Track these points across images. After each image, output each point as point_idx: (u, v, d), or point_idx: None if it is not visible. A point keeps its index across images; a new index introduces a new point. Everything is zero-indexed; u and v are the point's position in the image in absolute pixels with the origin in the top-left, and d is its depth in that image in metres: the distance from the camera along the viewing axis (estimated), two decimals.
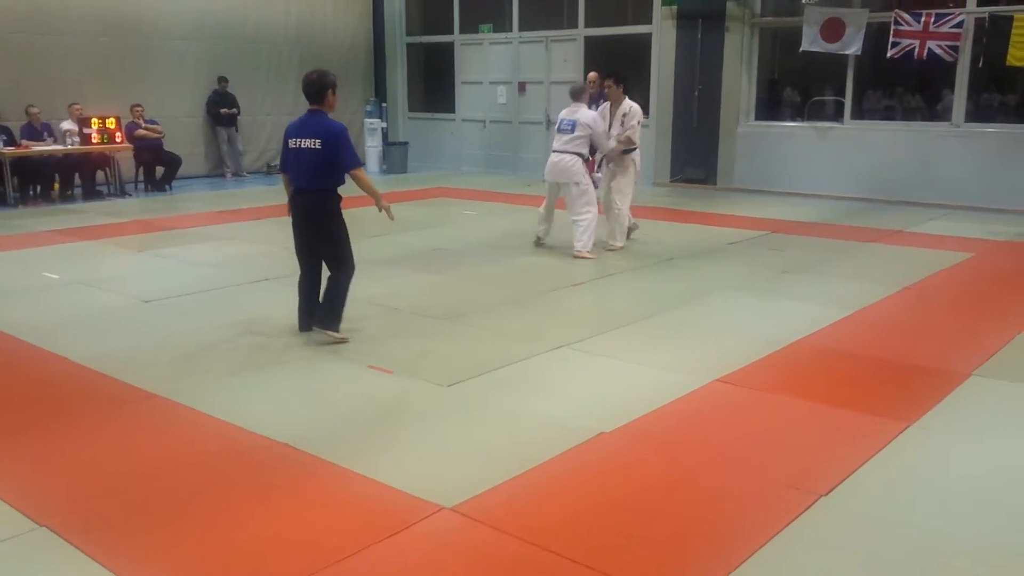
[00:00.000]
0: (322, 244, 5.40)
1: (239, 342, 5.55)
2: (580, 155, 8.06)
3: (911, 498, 3.47)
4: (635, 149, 8.40)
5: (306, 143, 5.21)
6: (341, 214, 5.39)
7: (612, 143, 8.17)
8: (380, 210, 5.45)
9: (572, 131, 8.04)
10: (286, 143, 5.36)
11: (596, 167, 10.83)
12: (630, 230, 8.56)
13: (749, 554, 3.04)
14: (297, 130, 5.30)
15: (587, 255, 8.03)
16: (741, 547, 3.08)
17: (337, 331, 5.39)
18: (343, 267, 5.40)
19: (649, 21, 13.15)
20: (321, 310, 5.43)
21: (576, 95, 8.25)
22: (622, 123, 8.28)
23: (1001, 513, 3.36)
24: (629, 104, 8.33)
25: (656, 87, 13.15)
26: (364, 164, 5.30)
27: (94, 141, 11.72)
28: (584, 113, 8.09)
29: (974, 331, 5.76)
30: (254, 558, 3.05)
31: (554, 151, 8.15)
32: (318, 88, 5.23)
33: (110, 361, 5.10)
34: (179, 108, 13.85)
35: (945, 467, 3.77)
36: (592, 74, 11.28)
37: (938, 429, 4.15)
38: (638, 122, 8.29)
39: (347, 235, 5.43)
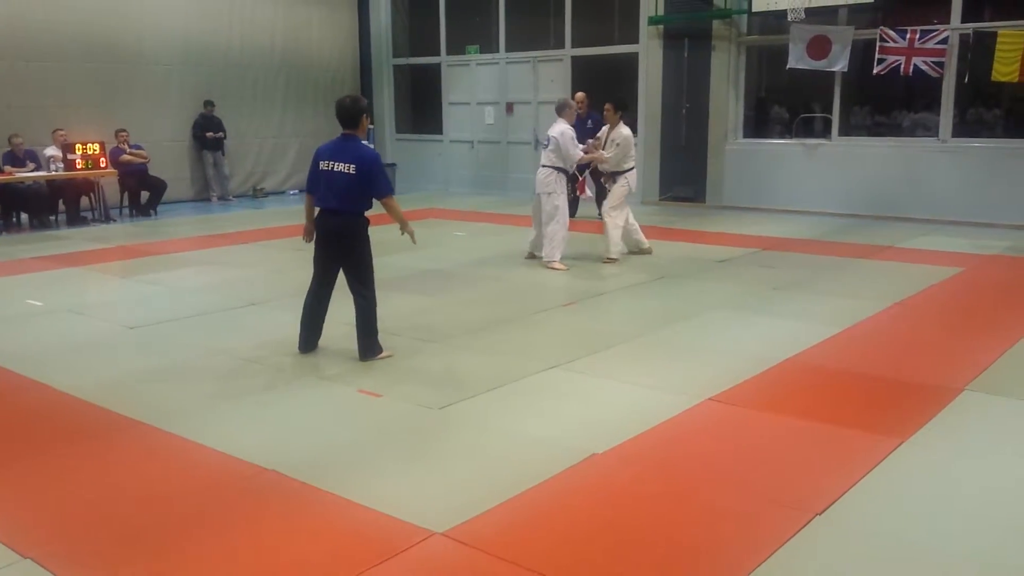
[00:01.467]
0: (346, 264, 5.48)
1: (226, 368, 5.48)
2: (556, 168, 8.37)
3: (906, 515, 3.44)
4: (628, 170, 8.72)
5: (339, 167, 5.28)
6: (368, 236, 5.46)
7: (579, 154, 8.45)
8: (403, 233, 5.54)
9: (548, 145, 8.45)
10: (316, 164, 5.41)
11: (583, 188, 10.90)
12: (643, 251, 8.84)
13: (745, 574, 3.00)
14: (330, 153, 5.36)
15: (556, 266, 8.34)
16: (736, 567, 3.05)
17: (381, 351, 5.52)
18: (366, 290, 5.46)
19: (636, 40, 13.20)
20: (361, 343, 5.49)
21: (558, 110, 8.59)
22: (617, 145, 8.65)
23: (997, 529, 3.33)
24: (620, 130, 8.66)
25: (643, 106, 13.18)
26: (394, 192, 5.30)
27: (78, 167, 11.64)
28: (555, 127, 8.44)
29: (965, 346, 5.74)
30: None
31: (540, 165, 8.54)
32: (353, 113, 5.34)
33: (95, 389, 5.02)
34: (164, 132, 13.81)
35: (939, 483, 3.74)
36: (579, 94, 11.35)
37: (932, 445, 4.12)
38: (617, 144, 8.65)
39: (371, 257, 5.50)
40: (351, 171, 5.25)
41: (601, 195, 11.45)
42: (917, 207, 11.09)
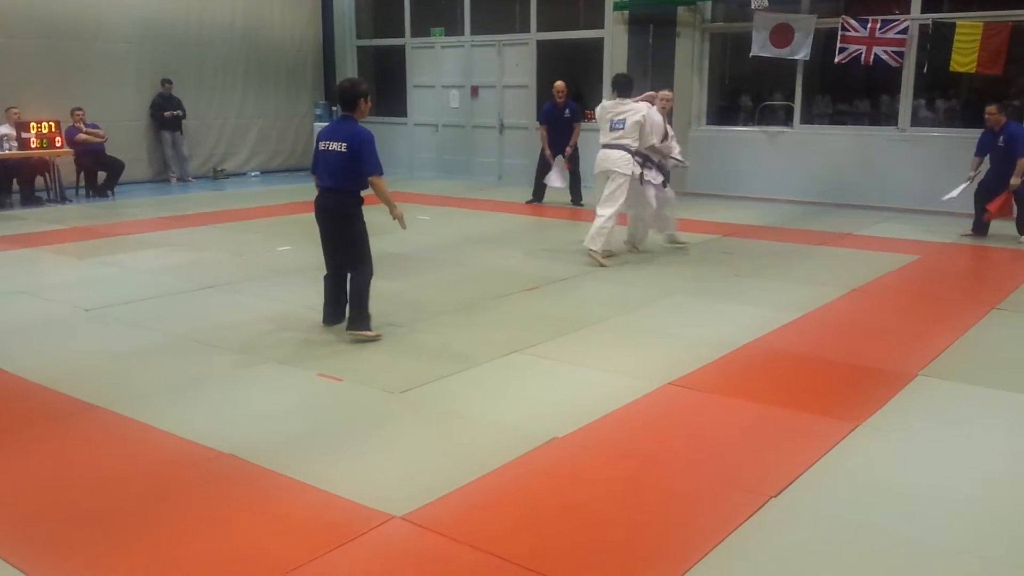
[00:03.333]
0: (341, 243, 5.58)
1: (184, 351, 5.42)
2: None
3: (860, 498, 3.50)
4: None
5: (333, 146, 5.42)
6: (362, 215, 5.56)
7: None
8: (394, 219, 5.64)
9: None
10: (317, 146, 5.57)
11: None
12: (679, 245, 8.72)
13: (701, 556, 3.05)
14: (328, 134, 5.52)
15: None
16: (693, 549, 3.09)
17: (369, 329, 5.56)
18: (361, 266, 5.57)
19: (601, 26, 13.19)
20: (350, 313, 5.60)
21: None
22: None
23: (948, 511, 3.40)
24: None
25: (608, 92, 13.15)
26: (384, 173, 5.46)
27: (33, 146, 11.39)
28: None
29: (920, 332, 5.85)
30: (200, 572, 2.97)
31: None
32: (351, 96, 5.46)
33: (50, 372, 4.94)
34: (122, 112, 13.53)
35: (893, 466, 3.80)
36: (558, 83, 11.46)
37: (886, 429, 4.19)
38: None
39: (366, 235, 5.60)
40: (343, 149, 5.38)
41: (575, 183, 11.51)
42: (876, 195, 11.24)
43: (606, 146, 7.93)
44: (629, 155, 7.83)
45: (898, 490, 3.56)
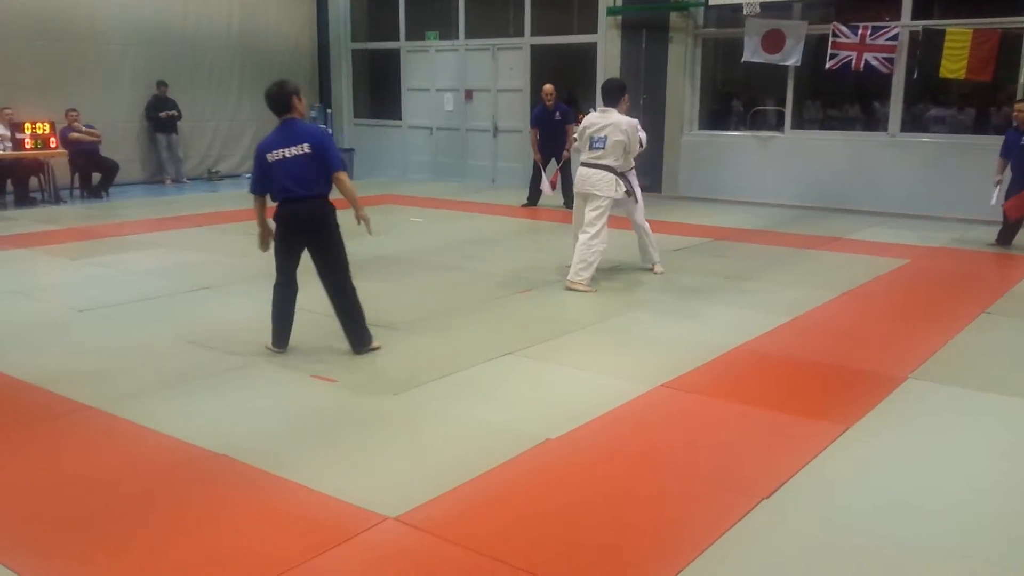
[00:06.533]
0: (319, 255, 5.21)
1: (177, 352, 5.42)
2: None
3: (851, 500, 3.52)
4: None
5: (292, 151, 5.03)
6: (338, 222, 5.20)
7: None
8: (359, 221, 5.22)
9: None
10: (263, 160, 5.08)
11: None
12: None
13: (692, 558, 3.06)
14: (277, 142, 5.08)
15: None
16: (684, 551, 3.11)
17: (372, 340, 5.39)
18: (348, 276, 5.28)
19: (594, 30, 13.24)
20: (356, 330, 5.33)
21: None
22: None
23: (938, 514, 3.42)
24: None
25: (601, 96, 13.19)
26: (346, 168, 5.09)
27: (27, 146, 11.40)
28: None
29: (910, 335, 5.88)
30: (192, 573, 2.98)
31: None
32: (282, 99, 5.12)
33: (42, 372, 4.94)
34: (117, 113, 13.53)
35: (883, 469, 3.82)
36: (547, 86, 11.49)
37: (876, 432, 4.22)
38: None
39: (343, 243, 5.26)
40: (306, 150, 5.02)
41: (567, 186, 11.51)
42: (866, 200, 11.31)
43: (585, 164, 7.17)
44: (612, 176, 7.09)
45: (888, 492, 3.58)
